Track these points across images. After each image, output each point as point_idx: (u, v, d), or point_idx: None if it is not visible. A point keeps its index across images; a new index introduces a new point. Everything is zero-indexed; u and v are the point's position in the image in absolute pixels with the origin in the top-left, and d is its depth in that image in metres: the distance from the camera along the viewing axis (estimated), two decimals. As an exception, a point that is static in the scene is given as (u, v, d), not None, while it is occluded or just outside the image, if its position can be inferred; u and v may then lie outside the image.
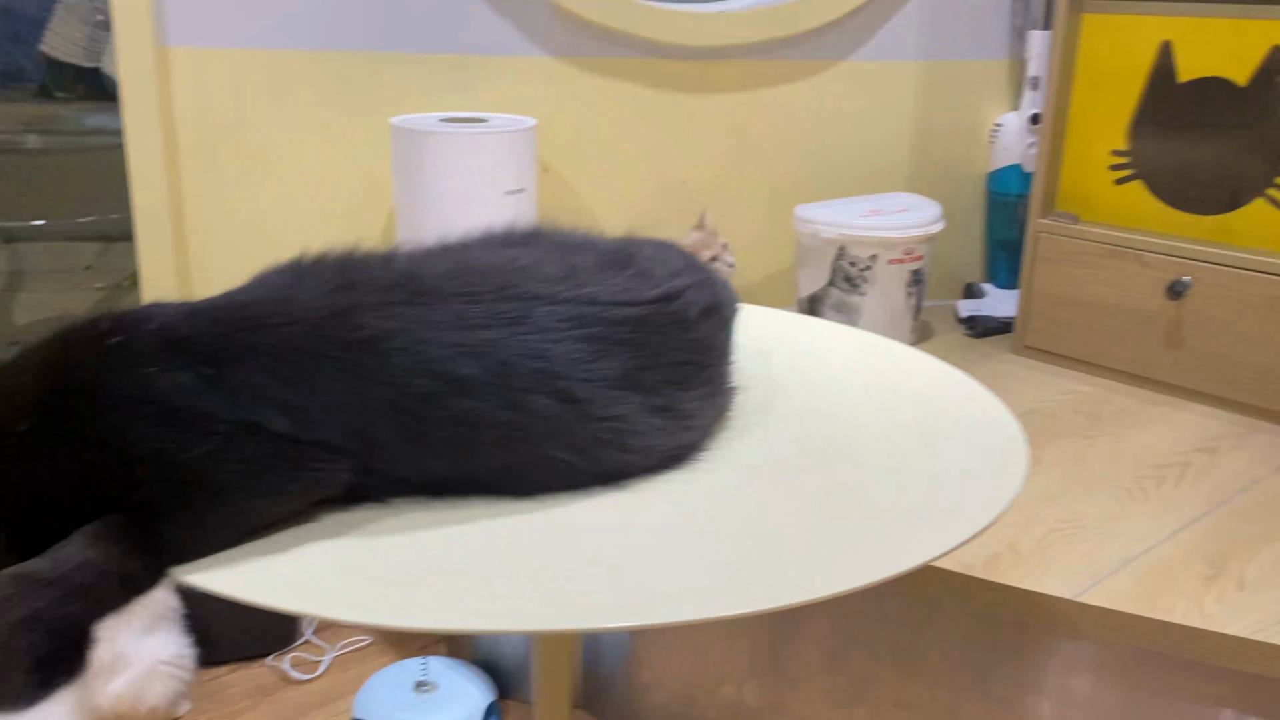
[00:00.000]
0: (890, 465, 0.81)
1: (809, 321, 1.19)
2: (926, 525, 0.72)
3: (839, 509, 0.72)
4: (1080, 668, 1.21)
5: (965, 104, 2.18)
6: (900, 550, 0.68)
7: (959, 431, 0.89)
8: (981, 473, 0.81)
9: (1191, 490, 1.42)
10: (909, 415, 0.92)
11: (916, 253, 1.93)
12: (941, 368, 1.06)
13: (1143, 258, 1.77)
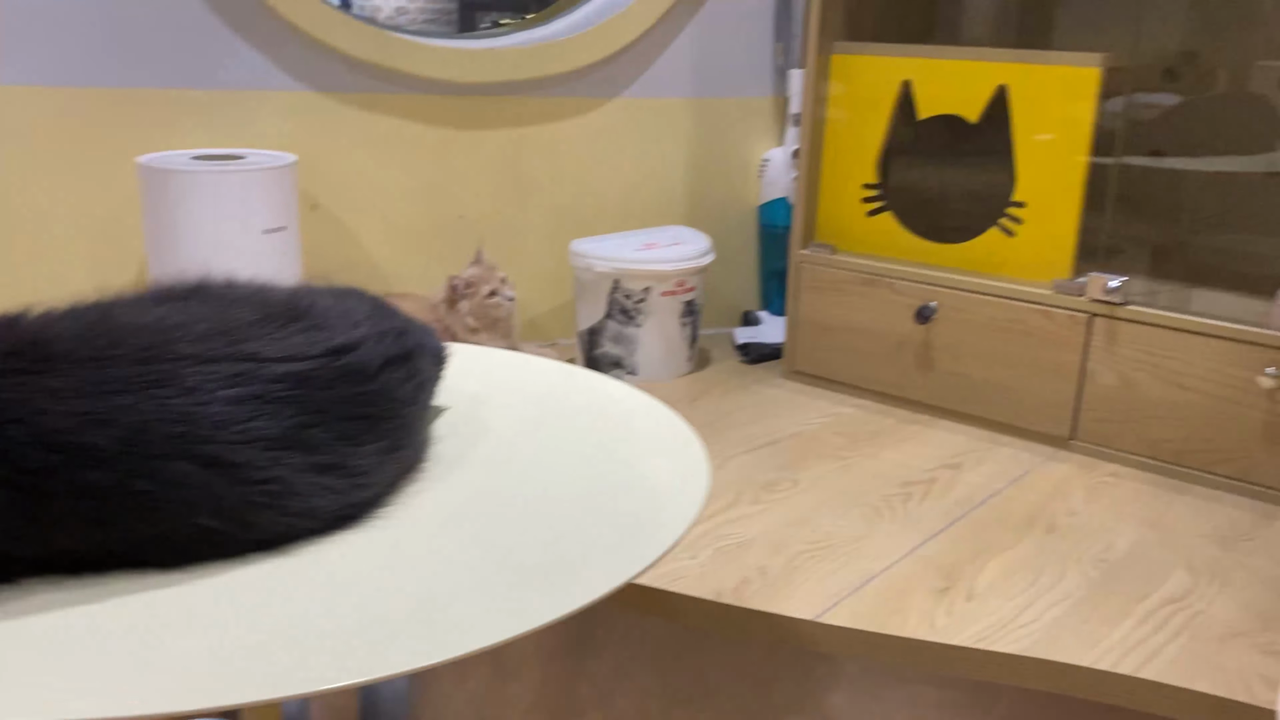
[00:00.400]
0: (568, 509, 0.81)
1: (528, 360, 1.20)
2: (592, 566, 0.72)
3: (504, 559, 0.72)
4: (834, 686, 1.26)
5: (735, 139, 2.26)
6: (561, 594, 0.68)
7: (648, 466, 0.91)
8: (663, 505, 0.83)
9: (935, 506, 1.50)
10: (603, 452, 0.93)
11: (689, 284, 1.98)
12: (645, 400, 1.09)
13: (894, 285, 1.87)
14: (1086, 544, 1.40)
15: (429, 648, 0.60)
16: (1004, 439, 1.77)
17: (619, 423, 1.02)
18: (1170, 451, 1.64)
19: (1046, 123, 1.70)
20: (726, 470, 1.59)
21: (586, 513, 0.80)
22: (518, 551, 0.73)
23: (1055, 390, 1.73)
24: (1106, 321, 1.66)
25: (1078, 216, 1.70)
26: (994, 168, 1.79)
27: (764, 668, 1.29)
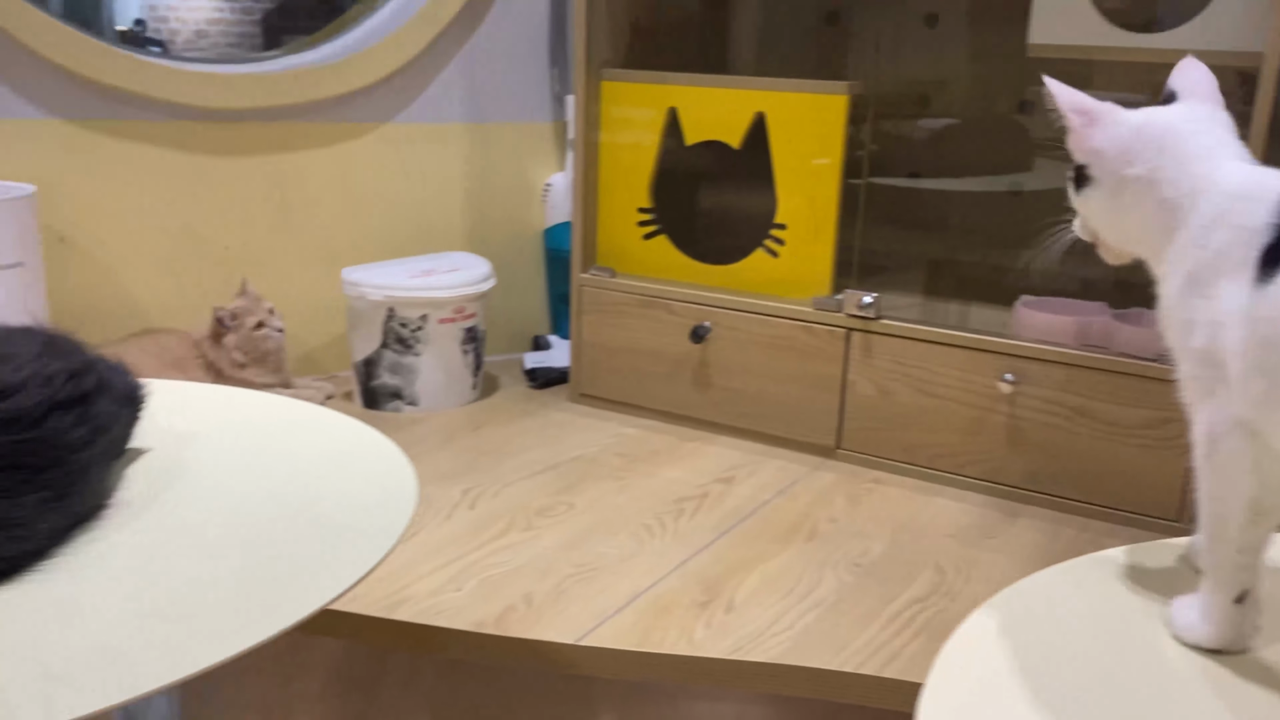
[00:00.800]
0: (256, 545, 0.79)
1: (240, 395, 1.17)
2: (273, 599, 0.70)
3: (179, 601, 0.69)
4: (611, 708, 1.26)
5: (517, 164, 2.26)
6: (230, 636, 0.65)
7: (352, 496, 0.90)
8: (361, 533, 0.82)
9: (705, 520, 1.53)
10: (305, 485, 0.92)
11: (468, 311, 1.96)
12: (357, 428, 1.08)
13: (671, 306, 1.91)
14: (844, 549, 1.46)
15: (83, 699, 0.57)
16: (777, 451, 1.83)
17: (328, 455, 1.01)
18: (925, 456, 1.73)
19: (802, 148, 1.78)
20: (501, 498, 1.58)
21: (276, 545, 0.78)
22: (190, 592, 0.70)
23: (821, 402, 1.80)
24: (862, 335, 1.74)
25: (834, 237, 1.78)
26: (757, 191, 1.85)
27: (541, 696, 1.28)
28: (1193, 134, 0.68)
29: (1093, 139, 0.74)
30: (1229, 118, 0.73)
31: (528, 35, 2.21)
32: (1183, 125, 0.69)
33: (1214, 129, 0.69)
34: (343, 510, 0.86)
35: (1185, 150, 0.68)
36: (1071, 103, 0.75)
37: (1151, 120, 0.71)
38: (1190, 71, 0.73)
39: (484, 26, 2.16)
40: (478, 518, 1.52)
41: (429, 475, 1.66)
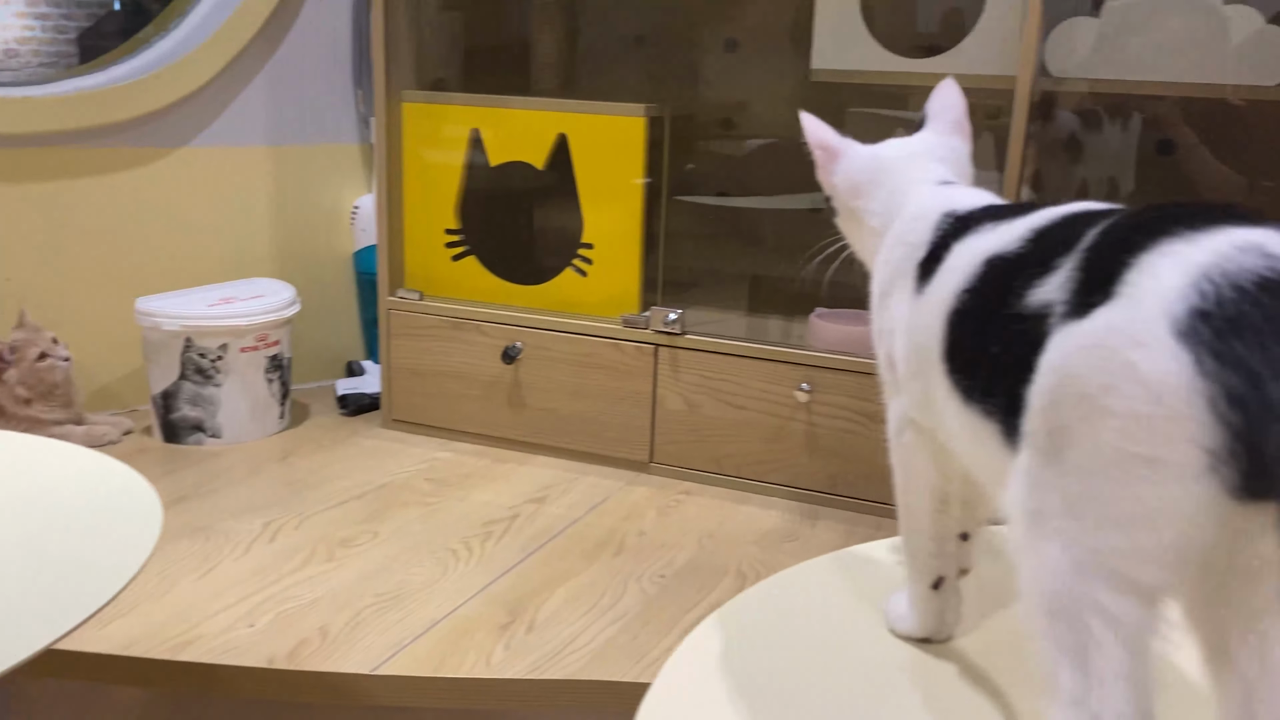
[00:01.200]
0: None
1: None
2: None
3: None
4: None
5: (323, 187, 2.22)
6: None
7: (91, 533, 0.87)
8: (97, 569, 0.79)
9: (513, 542, 1.53)
10: (36, 520, 0.88)
11: (272, 338, 1.91)
12: (97, 460, 1.04)
13: (481, 327, 1.90)
14: (650, 562, 1.48)
15: None
16: (591, 468, 1.84)
17: (66, 492, 0.96)
18: (733, 466, 1.78)
19: (604, 168, 1.80)
20: (303, 530, 1.54)
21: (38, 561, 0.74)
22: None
23: (633, 418, 1.82)
24: (669, 351, 1.78)
25: (640, 255, 1.81)
26: (564, 211, 1.87)
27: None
28: (905, 167, 0.73)
29: (832, 174, 0.78)
30: (960, 141, 0.77)
31: (331, 55, 2.18)
32: (898, 160, 0.74)
33: (928, 159, 0.74)
34: (75, 549, 0.83)
35: (894, 183, 0.72)
36: (816, 138, 0.79)
37: (876, 156, 0.75)
38: (941, 94, 0.78)
39: (284, 47, 2.11)
40: (277, 551, 1.47)
41: (228, 509, 1.60)
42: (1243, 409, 0.40)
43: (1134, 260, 0.45)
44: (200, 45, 1.98)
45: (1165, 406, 0.41)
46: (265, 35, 2.07)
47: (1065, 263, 0.50)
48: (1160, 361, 0.42)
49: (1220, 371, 0.40)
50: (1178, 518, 0.42)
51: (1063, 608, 0.47)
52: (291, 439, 1.94)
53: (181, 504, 1.62)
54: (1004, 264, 0.56)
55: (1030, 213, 0.59)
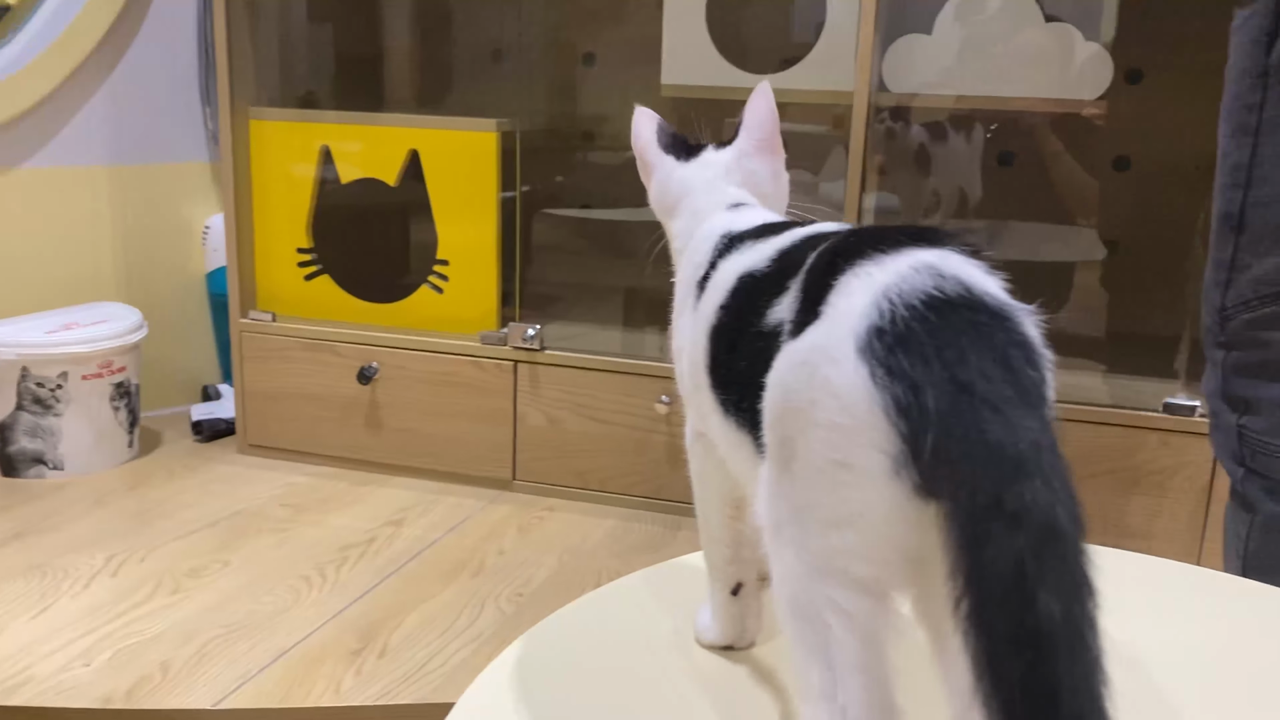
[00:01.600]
0: None
1: None
2: None
3: None
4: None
5: (172, 207, 2.15)
6: None
7: None
8: None
9: (369, 566, 1.51)
10: None
11: (117, 365, 1.84)
12: None
13: (336, 348, 1.87)
14: (508, 581, 1.47)
15: None
16: (452, 488, 1.82)
17: None
18: (596, 480, 1.78)
19: (456, 184, 1.79)
20: (149, 562, 1.49)
21: None
22: None
23: (494, 435, 1.81)
24: (529, 367, 1.78)
25: (497, 270, 1.81)
26: (418, 228, 1.85)
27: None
28: (705, 191, 0.74)
29: (649, 188, 0.79)
30: (761, 162, 0.77)
31: (176, 72, 2.12)
32: (699, 184, 0.75)
33: (726, 183, 0.75)
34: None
35: (695, 206, 0.73)
36: (637, 149, 0.79)
37: (683, 180, 0.76)
38: (753, 107, 0.78)
39: (125, 63, 2.04)
40: (119, 585, 1.42)
41: (68, 544, 1.54)
42: (906, 416, 0.43)
43: (835, 282, 0.48)
44: (33, 60, 1.90)
45: (852, 416, 0.45)
46: (104, 50, 2.00)
47: (793, 283, 0.53)
48: (847, 376, 0.45)
49: (890, 383, 0.44)
50: (877, 517, 0.46)
51: (803, 609, 0.49)
52: (141, 468, 1.87)
53: (17, 541, 1.55)
54: (753, 282, 0.59)
55: (787, 231, 0.61)
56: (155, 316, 2.07)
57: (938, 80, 1.70)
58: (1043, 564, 0.41)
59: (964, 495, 0.42)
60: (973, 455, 0.42)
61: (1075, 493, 0.42)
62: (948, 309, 0.45)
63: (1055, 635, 0.40)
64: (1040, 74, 1.63)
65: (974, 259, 0.49)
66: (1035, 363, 0.46)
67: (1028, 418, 0.43)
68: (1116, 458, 1.53)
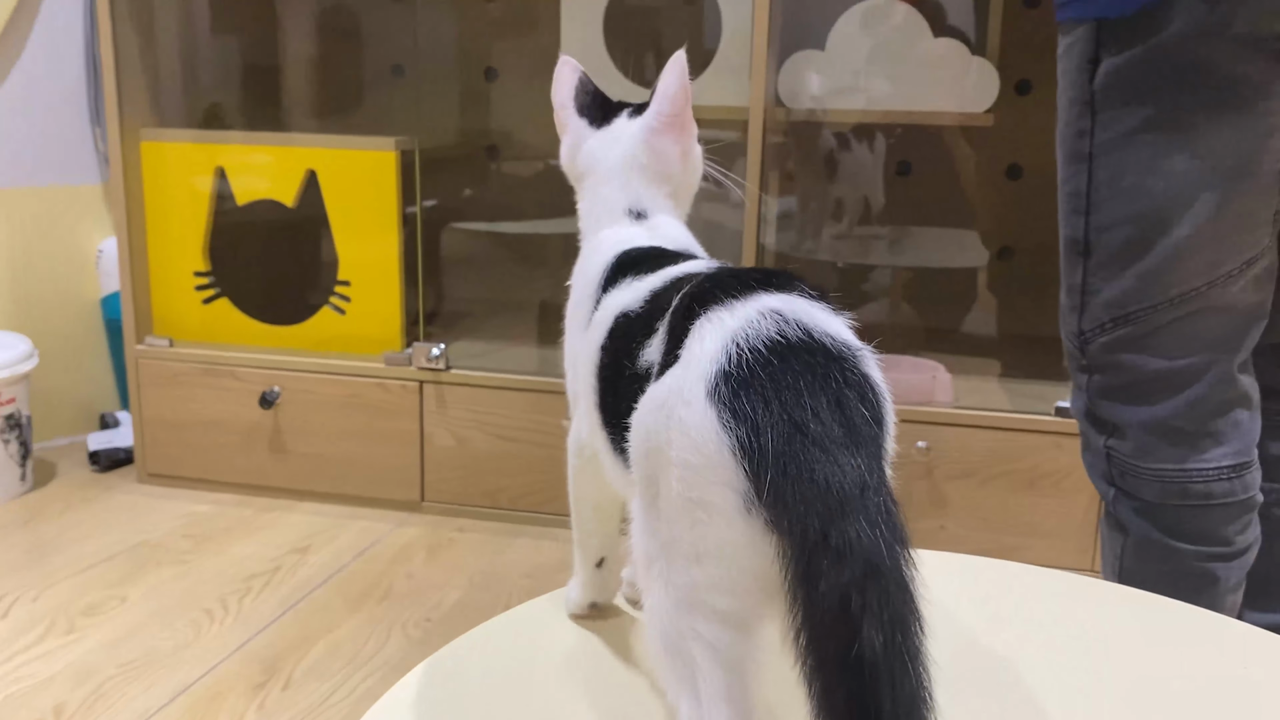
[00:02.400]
0: None
1: None
2: None
3: None
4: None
5: (62, 231, 2.08)
6: None
7: None
8: None
9: (273, 595, 1.48)
10: None
11: (5, 396, 1.78)
12: None
13: (236, 373, 1.83)
14: (416, 606, 1.46)
15: None
16: (361, 512, 1.80)
17: None
18: (507, 499, 1.77)
19: (356, 204, 1.77)
20: (41, 601, 1.44)
21: None
22: None
23: (401, 457, 1.79)
24: (435, 387, 1.76)
25: (399, 290, 1.79)
26: (318, 249, 1.83)
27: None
28: (609, 180, 0.72)
29: (561, 144, 0.76)
30: (671, 141, 0.74)
31: (64, 91, 2.05)
32: (607, 167, 0.73)
33: (630, 172, 0.73)
34: None
35: (598, 194, 0.72)
36: (555, 104, 0.76)
37: (591, 152, 0.73)
38: (665, 78, 0.73)
39: (9, 84, 1.98)
40: (9, 627, 1.37)
41: (-46, 586, 1.48)
42: (749, 456, 0.45)
43: (692, 326, 0.50)
44: (-94, 84, 1.83)
45: (704, 456, 0.47)
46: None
47: (661, 325, 0.54)
48: (697, 417, 0.47)
49: (735, 425, 0.46)
50: (733, 552, 0.48)
51: (671, 642, 0.51)
52: (35, 501, 1.81)
53: (-101, 585, 1.49)
54: (627, 323, 0.60)
55: (663, 267, 0.62)
56: (49, 344, 2.00)
57: (830, 95, 1.73)
58: (866, 598, 0.43)
59: (796, 532, 0.44)
60: (803, 494, 0.45)
61: (901, 529, 0.45)
62: (789, 353, 0.47)
63: (878, 665, 0.42)
64: (931, 87, 1.68)
65: (819, 302, 0.51)
66: (870, 401, 0.48)
67: (855, 456, 0.45)
68: (1012, 460, 1.57)
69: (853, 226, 2.06)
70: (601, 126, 0.74)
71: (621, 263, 0.67)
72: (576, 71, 0.77)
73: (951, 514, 1.60)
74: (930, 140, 1.94)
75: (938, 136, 1.93)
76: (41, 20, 2.00)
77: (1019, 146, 1.90)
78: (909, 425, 1.59)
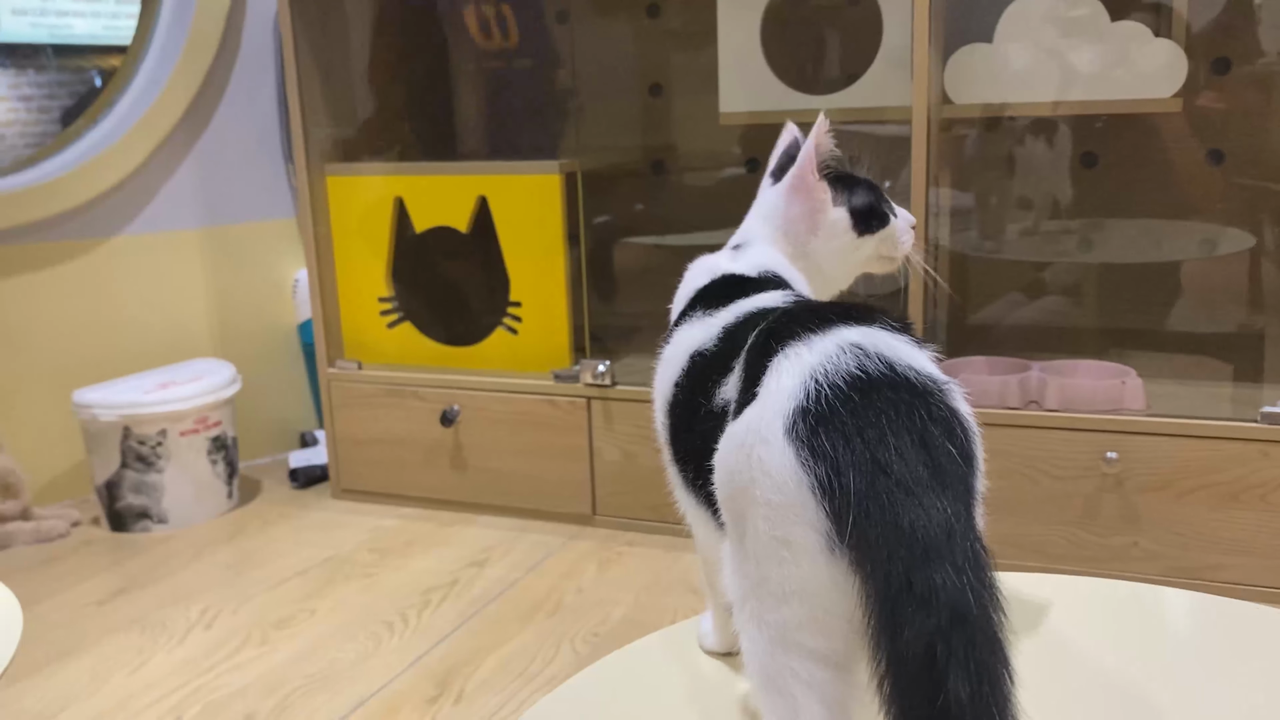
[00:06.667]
0: None
1: None
2: None
3: None
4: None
5: (262, 263, 2.23)
6: None
7: None
8: None
9: (450, 609, 1.53)
10: None
11: (212, 420, 1.92)
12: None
13: (419, 392, 1.91)
14: (584, 620, 1.48)
15: None
16: (535, 525, 1.84)
17: None
18: (673, 513, 1.77)
19: (525, 227, 1.82)
20: (241, 613, 1.54)
21: None
22: None
23: (572, 472, 1.82)
24: (601, 403, 1.78)
25: (567, 308, 1.82)
26: (491, 271, 1.88)
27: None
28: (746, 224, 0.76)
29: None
30: (791, 200, 0.74)
31: (258, 133, 2.20)
32: (751, 214, 0.76)
33: (757, 220, 0.75)
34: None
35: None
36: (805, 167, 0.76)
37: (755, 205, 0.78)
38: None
39: (210, 130, 2.14)
40: (213, 638, 1.47)
41: (168, 598, 1.60)
42: (830, 496, 0.43)
43: (769, 363, 0.48)
44: (121, 137, 2.00)
45: (784, 494, 0.45)
46: (190, 119, 2.10)
47: (736, 363, 0.53)
48: (777, 456, 0.46)
49: (814, 463, 0.44)
50: (818, 591, 0.46)
51: (771, 680, 0.50)
52: (240, 518, 1.94)
53: (122, 596, 1.62)
54: (703, 361, 0.59)
55: (737, 299, 0.62)
56: (252, 369, 2.15)
57: (1000, 88, 1.65)
58: (952, 647, 0.41)
59: (879, 576, 0.43)
60: (886, 537, 0.43)
61: (988, 574, 0.42)
62: (870, 388, 0.45)
63: (963, 716, 0.41)
64: (1111, 75, 1.57)
65: (901, 334, 0.48)
66: (957, 438, 0.45)
67: (941, 499, 0.43)
68: (1212, 471, 1.45)
69: (1040, 222, 1.95)
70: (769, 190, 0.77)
71: (696, 297, 0.67)
72: (789, 135, 0.79)
73: (1145, 529, 1.49)
74: (1115, 130, 1.81)
75: (1123, 125, 1.81)
76: (238, 69, 2.15)
77: (1220, 129, 1.76)
78: (1096, 435, 1.49)
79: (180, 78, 2.05)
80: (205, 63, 2.08)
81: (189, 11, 2.05)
